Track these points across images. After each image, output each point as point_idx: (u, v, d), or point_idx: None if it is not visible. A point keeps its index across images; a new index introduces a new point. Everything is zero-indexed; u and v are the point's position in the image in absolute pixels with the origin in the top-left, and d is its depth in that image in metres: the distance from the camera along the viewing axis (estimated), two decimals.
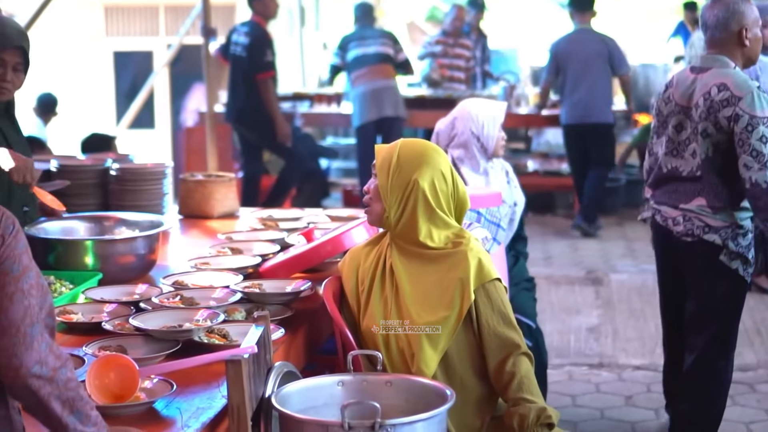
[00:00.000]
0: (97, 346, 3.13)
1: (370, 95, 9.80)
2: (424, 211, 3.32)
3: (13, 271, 2.26)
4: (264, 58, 9.12)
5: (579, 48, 9.61)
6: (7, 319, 2.23)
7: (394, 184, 3.33)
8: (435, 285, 3.31)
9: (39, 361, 2.24)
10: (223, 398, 2.82)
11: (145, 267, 4.13)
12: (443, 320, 3.27)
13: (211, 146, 9.55)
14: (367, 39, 10.01)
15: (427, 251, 3.34)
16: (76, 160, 5.45)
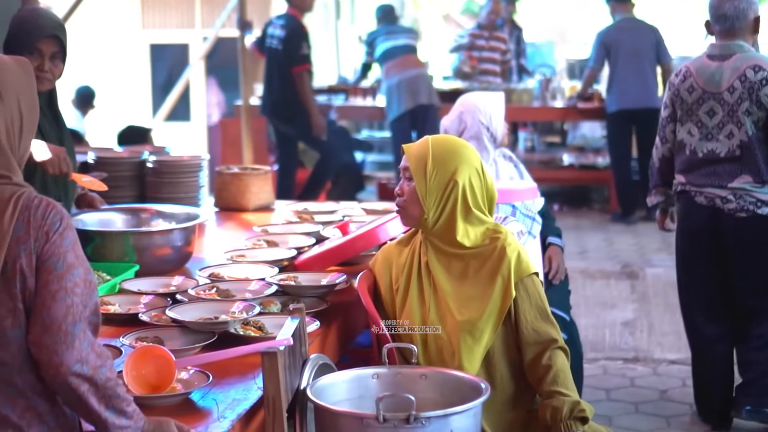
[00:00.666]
0: (134, 337, 3.15)
1: (404, 84, 9.84)
2: (462, 210, 3.33)
3: (57, 269, 2.27)
4: (300, 51, 9.13)
5: (628, 36, 9.67)
6: (50, 316, 2.25)
7: (432, 185, 3.31)
8: (474, 282, 3.31)
9: (80, 359, 2.26)
10: (259, 390, 2.84)
11: (181, 259, 4.16)
12: (485, 317, 3.27)
13: (246, 139, 9.60)
14: (394, 33, 10.10)
15: (464, 249, 3.34)
16: (113, 152, 5.51)
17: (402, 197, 3.37)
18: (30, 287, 2.26)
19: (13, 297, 2.25)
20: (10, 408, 2.30)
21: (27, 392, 2.31)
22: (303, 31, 9.24)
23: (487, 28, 10.93)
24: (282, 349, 2.68)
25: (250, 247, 4.28)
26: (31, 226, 2.27)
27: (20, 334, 2.28)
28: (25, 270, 2.25)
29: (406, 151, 3.39)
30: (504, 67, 11.04)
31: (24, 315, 2.27)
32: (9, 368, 2.28)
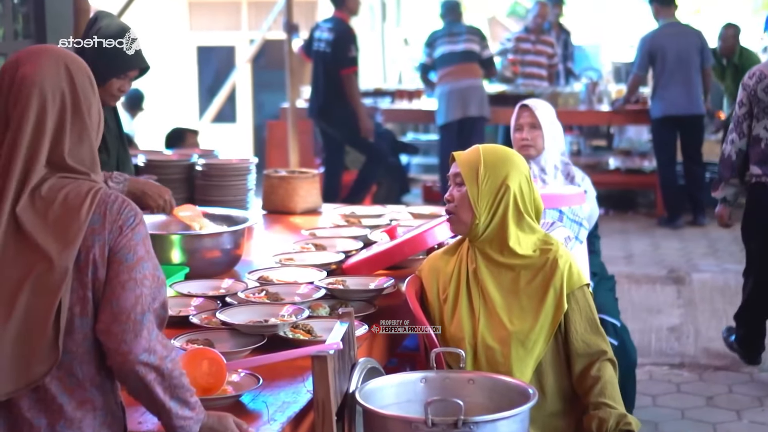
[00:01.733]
0: (185, 339, 3.19)
1: (455, 94, 9.80)
2: (514, 216, 3.34)
3: (127, 260, 2.36)
4: (348, 54, 9.16)
5: (673, 41, 9.63)
6: (119, 306, 2.33)
7: (484, 190, 3.33)
8: (526, 293, 3.32)
9: (147, 349, 2.34)
10: (308, 393, 2.86)
11: (230, 262, 4.20)
12: (538, 328, 3.28)
13: (292, 141, 9.64)
14: (455, 36, 10.01)
15: (516, 259, 3.35)
16: (162, 155, 5.56)
17: (452, 203, 3.38)
18: (100, 278, 2.34)
19: (83, 285, 2.33)
20: (67, 398, 2.36)
21: (86, 383, 2.38)
22: (351, 33, 9.27)
23: (534, 31, 10.91)
24: (332, 353, 2.71)
25: (298, 251, 4.31)
26: (107, 219, 2.36)
27: (87, 322, 2.35)
28: (98, 260, 2.34)
29: (456, 158, 3.41)
30: (551, 71, 11.01)
31: (92, 304, 2.35)
32: (72, 357, 2.35)
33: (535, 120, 4.74)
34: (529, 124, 4.76)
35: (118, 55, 4.21)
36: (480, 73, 10.04)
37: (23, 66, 2.43)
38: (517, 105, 4.92)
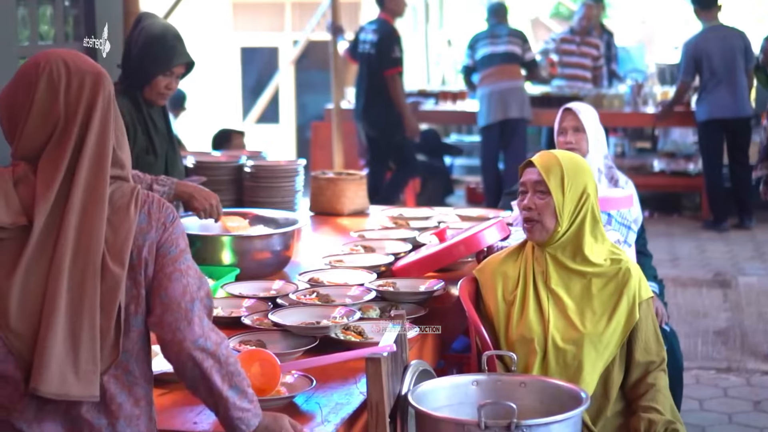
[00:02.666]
0: (238, 340, 3.22)
1: (496, 96, 9.78)
2: (590, 223, 3.39)
3: (171, 253, 2.41)
4: (392, 55, 9.17)
5: (717, 44, 9.55)
6: (168, 296, 2.38)
7: (568, 198, 3.35)
8: (599, 299, 3.36)
9: (201, 335, 2.38)
10: (361, 395, 2.88)
11: (280, 263, 4.23)
12: (610, 332, 3.33)
13: (337, 143, 9.66)
14: (497, 37, 9.98)
15: (588, 266, 3.38)
16: (211, 156, 5.59)
17: (533, 210, 3.38)
18: (150, 275, 2.39)
19: (137, 284, 2.38)
20: (126, 395, 2.40)
21: (141, 380, 2.43)
22: (395, 34, 9.27)
23: (580, 33, 10.86)
24: (386, 355, 2.73)
25: (347, 253, 4.33)
26: (152, 218, 2.41)
27: (140, 321, 2.40)
28: (148, 258, 2.39)
29: (537, 165, 3.40)
30: (596, 73, 10.96)
31: (144, 302, 2.40)
32: (128, 355, 2.40)
33: (578, 123, 4.74)
34: (573, 127, 4.76)
35: (163, 52, 4.28)
36: (521, 75, 10.01)
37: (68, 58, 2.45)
38: (560, 108, 4.92)
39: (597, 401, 3.33)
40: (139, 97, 4.32)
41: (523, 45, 9.98)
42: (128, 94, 4.31)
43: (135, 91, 4.31)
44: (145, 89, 4.31)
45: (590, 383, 3.29)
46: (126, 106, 4.27)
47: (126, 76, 4.35)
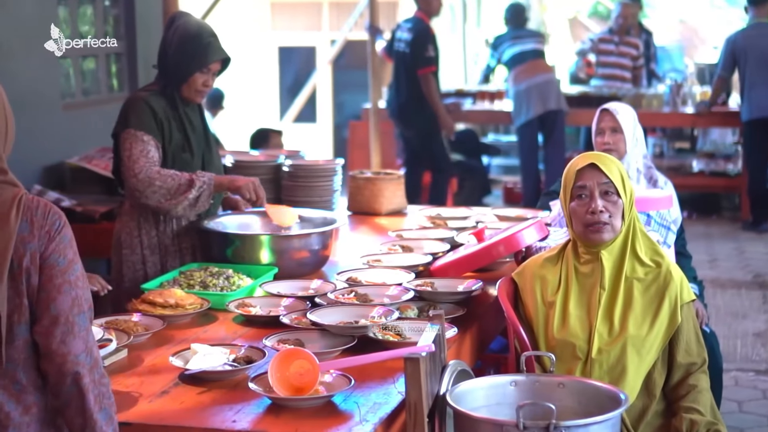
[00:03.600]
0: (276, 339, 3.23)
1: (533, 90, 9.80)
2: (639, 223, 3.41)
3: (59, 264, 2.37)
4: (425, 53, 9.16)
5: (757, 41, 9.48)
6: (57, 308, 2.35)
7: (628, 199, 3.36)
8: (641, 302, 3.35)
9: (85, 349, 2.36)
10: (399, 394, 2.88)
11: (318, 262, 4.24)
12: (653, 335, 3.31)
13: (374, 142, 9.67)
14: (522, 37, 10.07)
15: (637, 266, 3.38)
16: (249, 155, 5.62)
17: (605, 213, 3.34)
18: (34, 284, 2.35)
19: (19, 294, 2.34)
20: (14, 405, 2.36)
21: (30, 388, 2.38)
22: (429, 33, 9.25)
23: (618, 32, 10.82)
24: (424, 355, 2.72)
25: (385, 252, 4.34)
26: (35, 226, 2.36)
27: (25, 329, 2.36)
28: (30, 268, 2.34)
29: (603, 167, 3.36)
30: (635, 73, 10.91)
31: (29, 311, 2.36)
32: (15, 364, 2.36)
33: (616, 124, 4.72)
34: (611, 128, 4.74)
35: (199, 49, 4.30)
36: (552, 69, 10.08)
37: None
38: (598, 109, 4.90)
39: (639, 402, 3.32)
40: (176, 96, 4.34)
41: (544, 44, 10.13)
42: (165, 94, 4.34)
43: (172, 90, 4.33)
44: (182, 87, 4.33)
45: (634, 388, 3.28)
46: (161, 105, 4.30)
47: (162, 75, 4.37)
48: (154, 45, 7.03)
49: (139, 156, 4.20)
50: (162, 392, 2.92)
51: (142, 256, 4.35)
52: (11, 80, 5.81)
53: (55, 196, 5.91)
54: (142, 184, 4.17)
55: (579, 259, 3.43)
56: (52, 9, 6.24)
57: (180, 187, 4.18)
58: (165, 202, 4.19)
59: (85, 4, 6.85)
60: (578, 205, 3.37)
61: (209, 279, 3.86)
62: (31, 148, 6.01)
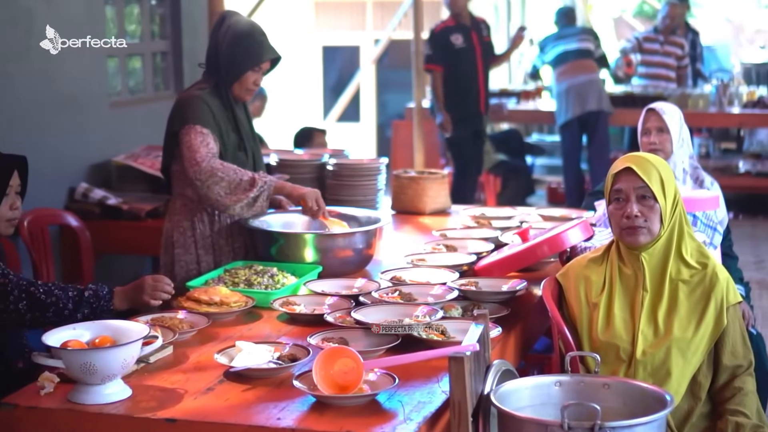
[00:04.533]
0: (321, 337, 3.24)
1: (573, 90, 9.75)
2: (685, 224, 3.38)
3: None
4: (425, 51, 9.19)
5: None
6: None
7: (669, 202, 3.33)
8: (686, 304, 3.33)
9: None
10: (443, 393, 2.88)
11: (362, 261, 4.25)
12: (698, 338, 3.29)
13: (418, 141, 9.66)
14: (567, 36, 10.02)
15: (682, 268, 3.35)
16: (294, 154, 5.64)
17: (640, 217, 3.33)
18: None
19: None
20: None
21: None
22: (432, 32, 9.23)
23: (664, 32, 10.75)
24: (469, 355, 2.72)
25: (429, 251, 4.33)
26: None
27: None
28: None
29: (637, 170, 3.34)
30: (680, 73, 10.84)
31: None
32: None
33: (662, 124, 4.70)
34: (657, 128, 4.72)
35: (252, 47, 4.33)
36: (597, 69, 10.03)
37: None
38: (644, 109, 4.87)
39: (684, 404, 3.30)
40: (227, 95, 4.36)
41: (594, 42, 10.00)
42: (217, 93, 4.36)
43: (222, 89, 4.35)
44: (234, 86, 4.35)
45: (678, 390, 3.26)
46: (216, 104, 4.32)
47: (213, 73, 4.38)
48: (199, 44, 7.13)
49: (200, 146, 4.21)
50: (207, 389, 2.94)
51: (196, 255, 4.38)
52: (59, 79, 5.88)
53: (101, 194, 5.96)
54: (205, 174, 4.17)
55: (623, 261, 3.41)
56: (99, 8, 6.29)
57: (241, 183, 4.19)
58: (224, 197, 4.19)
59: (132, 3, 6.90)
60: (615, 208, 3.37)
61: (254, 277, 3.87)
62: (78, 146, 6.07)
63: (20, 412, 2.83)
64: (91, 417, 2.78)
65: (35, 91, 5.68)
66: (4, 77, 5.43)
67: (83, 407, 2.81)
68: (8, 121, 5.49)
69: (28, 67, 5.62)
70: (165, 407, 2.80)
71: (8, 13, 5.44)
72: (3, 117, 5.45)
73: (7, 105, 5.48)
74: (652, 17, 15.91)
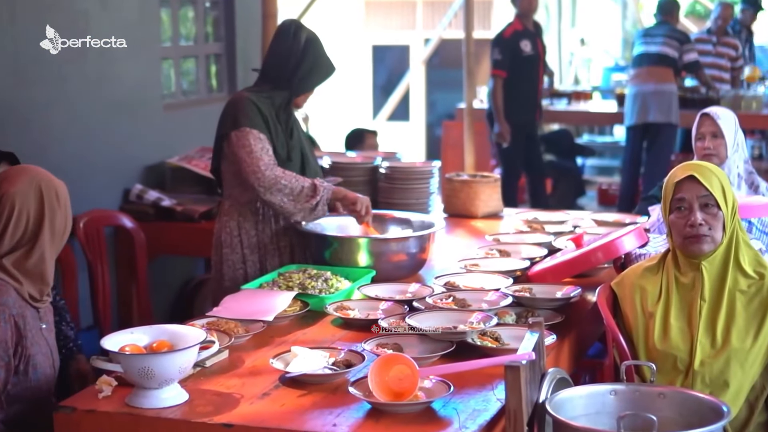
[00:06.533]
0: (375, 343, 3.24)
1: (639, 98, 9.57)
2: (740, 230, 3.36)
3: None
4: (491, 57, 9.15)
5: None
6: None
7: (729, 210, 3.32)
8: (744, 315, 3.30)
9: None
10: (498, 401, 2.88)
11: (415, 266, 4.25)
12: (756, 349, 3.27)
13: (468, 143, 9.64)
14: (652, 37, 9.73)
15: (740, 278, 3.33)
16: (346, 157, 5.65)
17: (705, 226, 3.31)
18: None
19: None
20: None
21: None
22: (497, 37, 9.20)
23: (716, 33, 10.65)
24: (525, 364, 2.72)
25: (482, 257, 4.33)
26: None
27: None
28: None
29: (702, 179, 3.32)
30: (734, 74, 10.72)
31: None
32: None
33: (716, 129, 4.66)
34: (711, 133, 4.68)
35: (329, 67, 4.49)
36: (671, 78, 9.58)
37: None
38: (698, 113, 4.84)
39: (741, 414, 3.28)
40: (288, 102, 4.41)
41: (681, 47, 9.61)
42: (270, 98, 4.38)
43: (287, 96, 4.40)
44: (301, 96, 4.45)
45: (736, 401, 3.23)
46: (267, 107, 4.35)
47: (274, 81, 4.42)
48: (252, 46, 7.17)
49: (262, 153, 4.26)
50: (263, 394, 2.96)
51: (242, 255, 4.42)
52: (115, 82, 5.94)
53: (156, 195, 6.01)
54: (268, 181, 4.23)
55: (679, 270, 3.39)
56: (154, 11, 6.34)
57: (303, 191, 4.25)
58: (288, 203, 4.26)
59: (187, 6, 6.95)
60: (677, 217, 3.34)
61: (308, 281, 3.89)
62: (133, 148, 6.12)
63: (78, 415, 2.86)
64: (149, 421, 2.81)
65: (91, 93, 5.74)
66: (60, 80, 5.48)
67: (141, 411, 2.83)
68: (65, 123, 5.55)
69: (84, 70, 5.67)
70: (221, 412, 2.82)
71: (64, 16, 5.50)
72: (59, 119, 5.51)
73: (64, 107, 5.54)
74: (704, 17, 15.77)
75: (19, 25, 5.15)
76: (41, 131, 5.38)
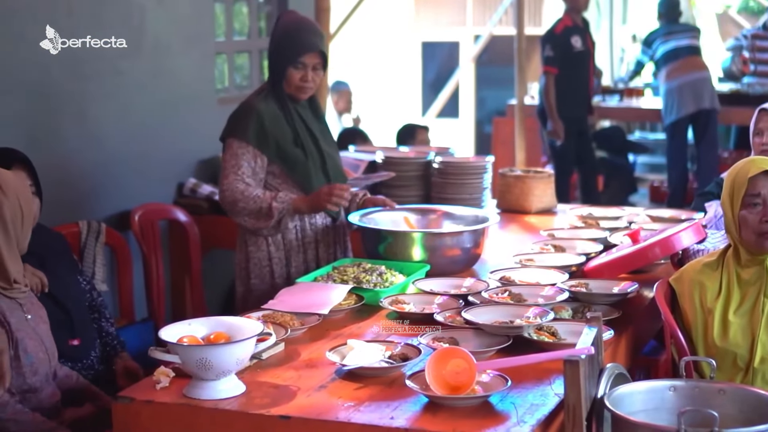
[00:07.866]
0: (431, 336, 3.24)
1: (687, 88, 9.54)
2: None
3: None
4: (542, 53, 9.10)
5: None
6: None
7: None
8: None
9: None
10: (556, 396, 2.87)
11: (469, 260, 4.24)
12: None
13: (519, 139, 9.61)
14: (677, 32, 9.78)
15: None
16: (399, 152, 5.65)
17: None
18: None
19: None
20: None
21: None
22: (548, 32, 9.15)
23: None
24: (584, 358, 2.70)
25: (537, 252, 4.31)
26: None
27: None
28: None
29: None
30: None
31: None
32: None
33: None
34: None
35: (290, 44, 4.28)
36: (707, 66, 9.76)
37: None
38: (756, 109, 4.77)
39: None
40: (282, 94, 4.36)
41: (699, 39, 9.80)
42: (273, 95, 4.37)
43: (277, 88, 4.36)
44: (283, 85, 4.35)
45: None
46: (271, 105, 4.33)
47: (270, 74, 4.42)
48: None
49: (230, 171, 4.29)
50: (319, 387, 2.96)
51: (267, 252, 4.41)
52: (169, 77, 5.97)
53: (209, 189, 6.03)
54: (227, 203, 4.30)
55: (741, 266, 3.35)
56: (209, 6, 6.36)
57: (261, 211, 4.26)
58: (249, 221, 4.30)
59: (240, 1, 6.97)
60: (750, 213, 3.30)
61: (362, 275, 3.88)
62: (187, 142, 6.15)
63: (137, 405, 2.88)
64: (207, 412, 2.82)
65: (146, 88, 5.77)
66: (117, 75, 5.52)
67: (199, 402, 2.85)
68: (120, 117, 5.58)
69: (139, 65, 5.70)
70: (278, 404, 2.83)
71: (120, 11, 5.53)
72: (115, 114, 5.55)
73: (119, 102, 5.57)
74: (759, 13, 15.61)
75: (76, 19, 5.18)
76: (97, 125, 5.42)
